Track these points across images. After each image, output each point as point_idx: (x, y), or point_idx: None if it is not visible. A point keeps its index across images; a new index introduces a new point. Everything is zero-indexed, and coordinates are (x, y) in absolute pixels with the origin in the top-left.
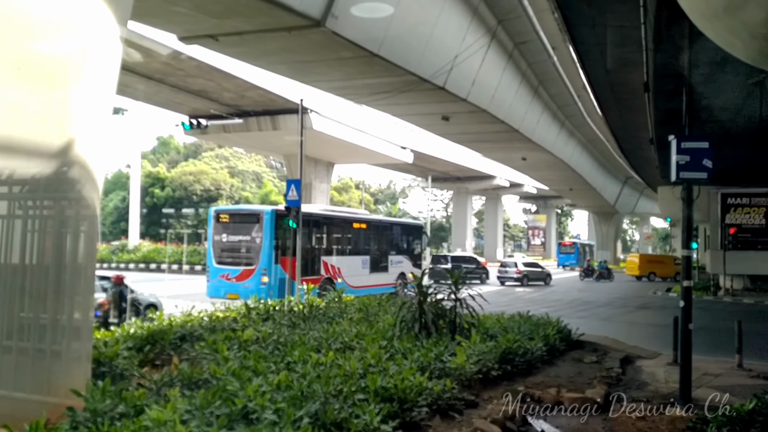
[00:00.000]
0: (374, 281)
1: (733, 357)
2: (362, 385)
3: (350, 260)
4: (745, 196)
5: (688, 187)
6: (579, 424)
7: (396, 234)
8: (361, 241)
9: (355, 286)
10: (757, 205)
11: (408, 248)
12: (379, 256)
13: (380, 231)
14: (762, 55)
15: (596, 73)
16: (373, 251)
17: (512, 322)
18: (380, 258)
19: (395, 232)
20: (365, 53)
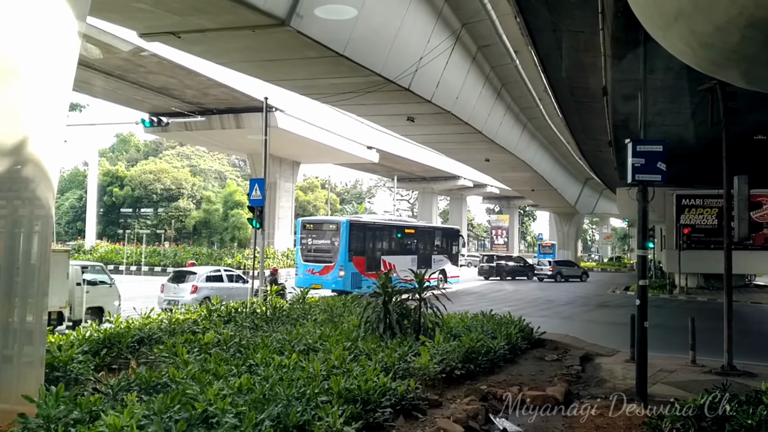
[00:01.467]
0: None
1: (687, 353)
2: (326, 386)
3: (402, 259)
4: (699, 198)
5: (643, 189)
6: (540, 422)
7: (438, 237)
8: (411, 243)
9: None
10: (709, 206)
11: (448, 249)
12: (425, 256)
13: (425, 235)
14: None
15: (557, 77)
16: (420, 251)
17: (475, 322)
18: (426, 257)
19: (437, 235)
20: (331, 53)
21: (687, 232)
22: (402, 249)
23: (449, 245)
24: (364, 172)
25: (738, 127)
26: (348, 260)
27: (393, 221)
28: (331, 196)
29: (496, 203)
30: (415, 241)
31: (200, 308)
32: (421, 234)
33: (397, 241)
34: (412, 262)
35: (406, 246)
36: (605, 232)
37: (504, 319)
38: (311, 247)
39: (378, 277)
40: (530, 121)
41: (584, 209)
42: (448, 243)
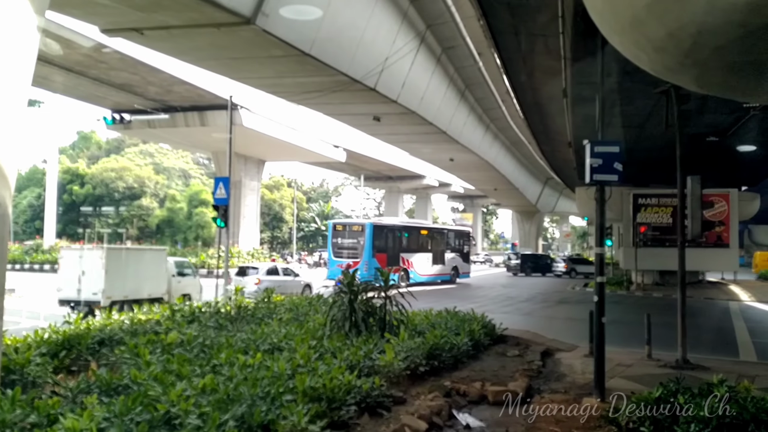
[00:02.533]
0: (435, 271)
1: (643, 348)
2: (290, 385)
3: (419, 256)
4: (654, 197)
5: (601, 189)
6: (502, 417)
7: (450, 237)
8: (426, 243)
9: (422, 275)
10: (665, 204)
11: (460, 248)
12: (439, 254)
13: (439, 235)
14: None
15: (519, 79)
16: (435, 250)
17: (439, 318)
18: (439, 255)
19: (450, 236)
20: (297, 52)
21: (643, 230)
22: (419, 247)
23: (461, 244)
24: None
25: (691, 128)
26: (372, 257)
27: (410, 223)
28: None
29: (461, 202)
30: (430, 241)
31: (163, 308)
32: (436, 234)
33: (414, 241)
34: (427, 259)
35: (422, 245)
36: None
37: (467, 315)
38: (340, 245)
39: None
40: (493, 122)
41: (545, 208)
42: (460, 242)
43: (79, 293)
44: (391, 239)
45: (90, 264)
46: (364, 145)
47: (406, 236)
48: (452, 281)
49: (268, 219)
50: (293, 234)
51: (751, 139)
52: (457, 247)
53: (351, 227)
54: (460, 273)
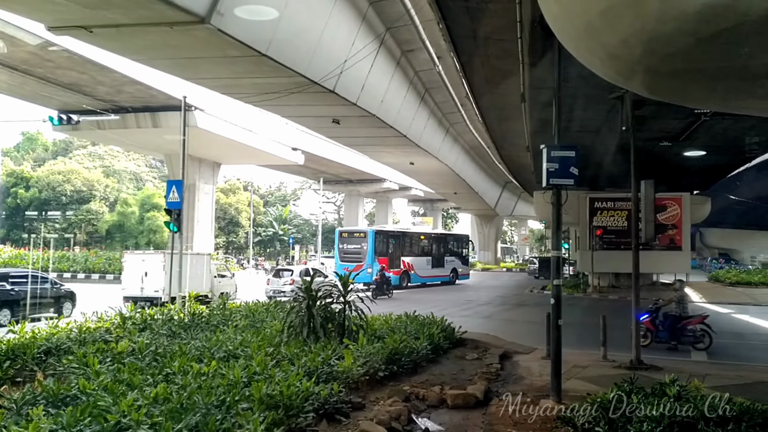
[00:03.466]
0: (434, 273)
1: (599, 349)
2: (246, 393)
3: (419, 259)
4: (610, 200)
5: (557, 192)
6: (461, 420)
7: (449, 242)
8: (426, 247)
9: (422, 276)
10: (620, 208)
11: (458, 251)
12: (438, 257)
13: (438, 240)
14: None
15: (478, 83)
16: (434, 254)
17: (399, 323)
18: (439, 258)
19: (449, 241)
20: (253, 53)
21: (599, 234)
22: (419, 251)
23: (460, 248)
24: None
25: (645, 133)
26: (374, 260)
27: (411, 230)
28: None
29: (421, 206)
30: (430, 245)
31: (113, 316)
32: (435, 239)
33: (415, 245)
34: (427, 262)
35: (422, 249)
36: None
37: (427, 319)
38: (345, 250)
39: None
40: (453, 126)
41: (504, 211)
42: (459, 247)
43: (142, 291)
44: (392, 244)
45: (152, 266)
46: (324, 148)
47: (407, 241)
48: (452, 282)
49: (224, 223)
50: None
51: (702, 144)
52: (456, 251)
53: (355, 234)
54: (460, 275)
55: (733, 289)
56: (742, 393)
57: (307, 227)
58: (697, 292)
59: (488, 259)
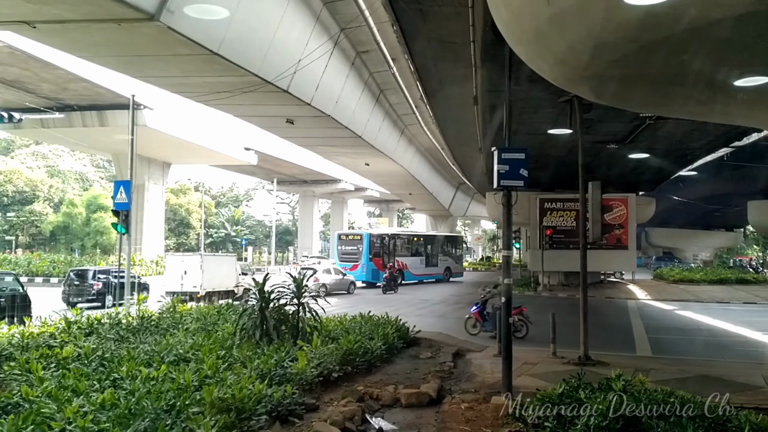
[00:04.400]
0: (428, 272)
1: (549, 346)
2: (197, 397)
3: (413, 259)
4: (560, 201)
5: (508, 194)
6: (414, 419)
7: (443, 242)
8: (420, 248)
9: (416, 274)
10: (569, 209)
11: (452, 251)
12: (432, 257)
13: (431, 241)
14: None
15: (432, 85)
16: (428, 254)
17: (354, 323)
18: (433, 258)
19: (442, 241)
20: (204, 51)
21: (549, 233)
22: (413, 252)
23: (454, 249)
24: (242, 174)
25: (593, 136)
26: (369, 260)
27: (404, 232)
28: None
29: (377, 206)
30: (423, 246)
31: (58, 320)
32: (429, 240)
33: (408, 246)
34: (420, 262)
35: (416, 249)
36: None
37: (382, 319)
38: (344, 251)
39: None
40: (408, 127)
41: (457, 212)
42: (452, 247)
43: (182, 286)
44: (387, 245)
45: (191, 265)
46: (278, 148)
47: (401, 242)
48: (446, 280)
49: (174, 225)
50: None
51: (647, 147)
52: (449, 251)
53: (352, 236)
54: (453, 273)
55: (676, 287)
56: (683, 386)
57: (260, 228)
58: (643, 290)
59: None
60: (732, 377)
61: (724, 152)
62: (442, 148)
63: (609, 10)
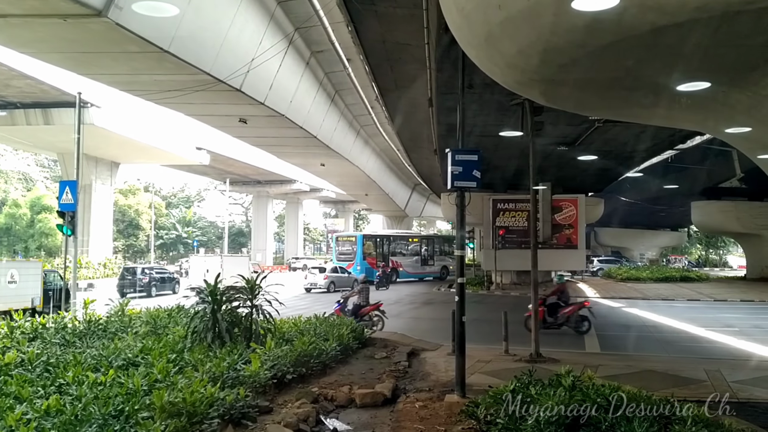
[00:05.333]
0: (424, 270)
1: (501, 344)
2: (147, 402)
3: (407, 259)
4: (512, 202)
5: (461, 194)
6: (369, 419)
7: (439, 243)
8: (415, 248)
9: (411, 273)
10: (521, 209)
11: (449, 251)
12: (428, 257)
13: (428, 241)
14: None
15: (387, 86)
16: (423, 253)
17: (308, 325)
18: (429, 257)
19: (439, 241)
20: (154, 49)
21: (502, 233)
22: (408, 252)
23: (451, 248)
24: (194, 174)
25: (544, 138)
26: (363, 259)
27: (399, 232)
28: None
29: (333, 207)
30: (419, 246)
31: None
32: (425, 241)
33: (404, 246)
34: (416, 261)
35: (411, 249)
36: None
37: (337, 320)
38: (341, 251)
39: None
40: (363, 128)
41: (413, 212)
42: (450, 246)
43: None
44: (380, 246)
45: (212, 264)
46: (231, 147)
47: (395, 243)
48: (442, 278)
49: (123, 226)
50: (151, 242)
51: (596, 149)
52: (447, 251)
53: (347, 238)
54: (450, 272)
55: (623, 285)
56: (630, 381)
57: (212, 230)
58: (592, 288)
59: None
60: (676, 372)
61: (669, 154)
62: (398, 149)
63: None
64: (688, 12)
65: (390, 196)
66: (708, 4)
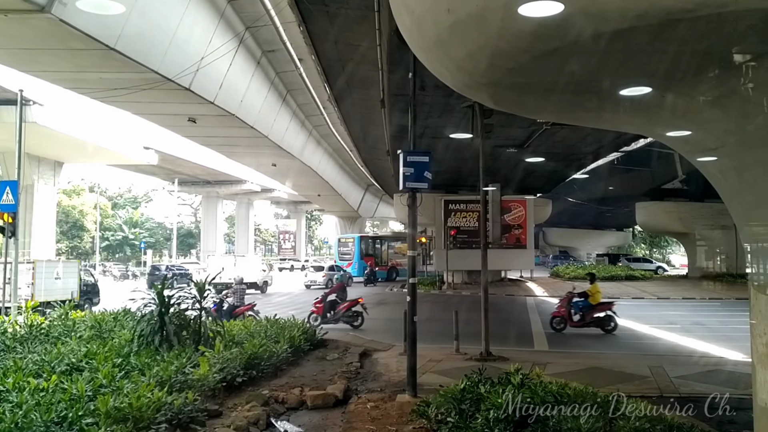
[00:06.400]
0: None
1: (452, 343)
2: (92, 407)
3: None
4: (463, 203)
5: (413, 195)
6: (320, 420)
7: None
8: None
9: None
10: (472, 210)
11: None
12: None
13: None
14: (465, 85)
15: (339, 87)
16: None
17: (259, 327)
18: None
19: None
20: (100, 46)
21: (453, 234)
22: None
23: None
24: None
25: (494, 140)
26: (360, 259)
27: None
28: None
29: (285, 208)
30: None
31: None
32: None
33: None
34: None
35: None
36: None
37: (288, 322)
38: (342, 251)
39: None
40: (316, 128)
41: (366, 213)
42: None
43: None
44: (378, 246)
45: (227, 264)
46: (180, 147)
47: (395, 243)
48: None
49: (67, 227)
50: (96, 243)
51: (544, 151)
52: None
53: (346, 239)
54: None
55: (571, 284)
56: (577, 378)
57: (161, 231)
58: (541, 287)
59: None
60: (621, 368)
61: (615, 156)
62: (350, 150)
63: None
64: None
65: (343, 197)
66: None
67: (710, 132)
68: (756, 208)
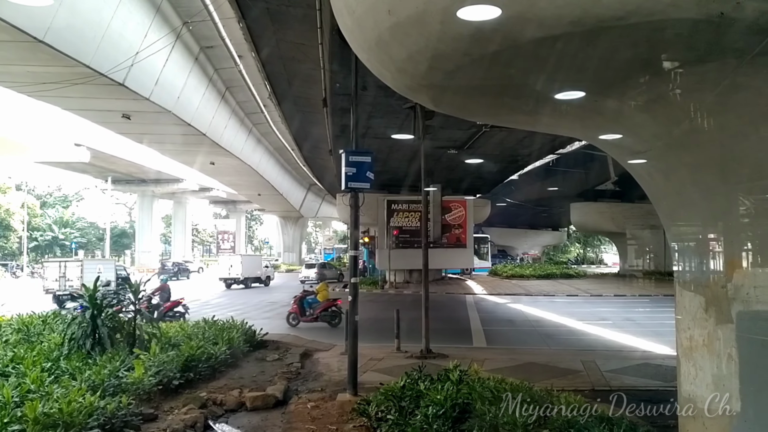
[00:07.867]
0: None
1: (393, 341)
2: (19, 414)
3: None
4: (405, 203)
5: (355, 195)
6: (260, 421)
7: None
8: None
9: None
10: (414, 210)
11: (477, 250)
12: None
13: None
14: (406, 87)
15: (280, 85)
16: None
17: (197, 329)
18: None
19: None
20: (27, 38)
21: (396, 233)
22: None
23: (479, 247)
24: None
25: (435, 141)
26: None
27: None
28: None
29: (223, 207)
30: None
31: None
32: None
33: None
34: None
35: None
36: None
37: (227, 324)
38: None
39: None
40: (256, 126)
41: (308, 213)
42: (478, 245)
43: (230, 274)
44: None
45: (236, 261)
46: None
47: None
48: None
49: None
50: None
51: (483, 153)
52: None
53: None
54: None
55: (509, 282)
56: (514, 374)
57: (93, 231)
58: (480, 285)
59: (293, 260)
60: (556, 363)
61: (551, 158)
62: (292, 149)
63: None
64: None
65: (284, 196)
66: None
67: (639, 136)
68: (681, 208)
